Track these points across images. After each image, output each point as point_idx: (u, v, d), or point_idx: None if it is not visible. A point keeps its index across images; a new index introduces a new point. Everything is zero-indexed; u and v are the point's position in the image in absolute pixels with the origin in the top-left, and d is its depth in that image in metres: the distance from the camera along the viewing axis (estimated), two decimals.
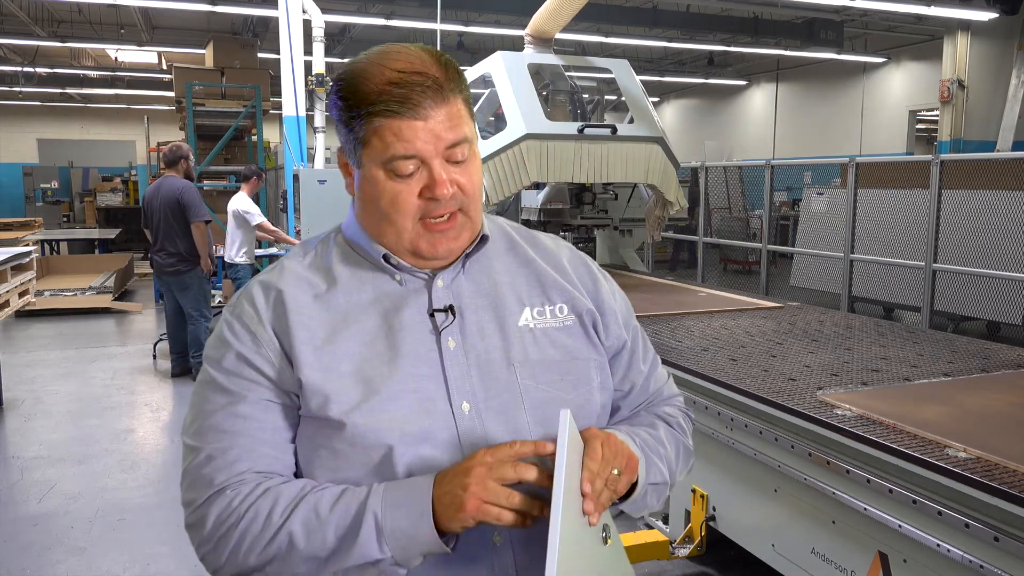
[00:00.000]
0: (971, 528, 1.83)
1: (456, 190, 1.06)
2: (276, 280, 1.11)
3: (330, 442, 1.04)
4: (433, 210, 1.06)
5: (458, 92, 1.06)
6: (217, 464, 1.03)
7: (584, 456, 1.01)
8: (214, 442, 1.04)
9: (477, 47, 15.38)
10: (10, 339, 8.21)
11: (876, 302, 8.12)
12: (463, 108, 1.07)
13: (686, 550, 2.96)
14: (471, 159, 1.09)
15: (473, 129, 1.10)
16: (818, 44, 13.70)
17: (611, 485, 1.01)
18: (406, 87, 1.02)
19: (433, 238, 1.08)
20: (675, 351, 3.13)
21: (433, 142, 1.04)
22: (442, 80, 1.04)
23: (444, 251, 1.09)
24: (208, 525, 1.02)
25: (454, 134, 1.05)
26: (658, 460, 1.16)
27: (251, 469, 1.04)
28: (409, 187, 1.06)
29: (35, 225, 15.48)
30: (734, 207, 12.27)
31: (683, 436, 1.26)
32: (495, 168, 4.22)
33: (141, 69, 17.98)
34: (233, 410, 1.05)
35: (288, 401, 1.06)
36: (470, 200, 1.09)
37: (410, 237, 1.08)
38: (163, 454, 4.87)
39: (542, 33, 5.03)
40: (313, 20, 7.14)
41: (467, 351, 1.08)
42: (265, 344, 1.06)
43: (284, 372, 1.05)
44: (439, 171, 1.05)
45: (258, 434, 1.05)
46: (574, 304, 1.17)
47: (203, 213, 6.34)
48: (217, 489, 1.03)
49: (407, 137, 1.03)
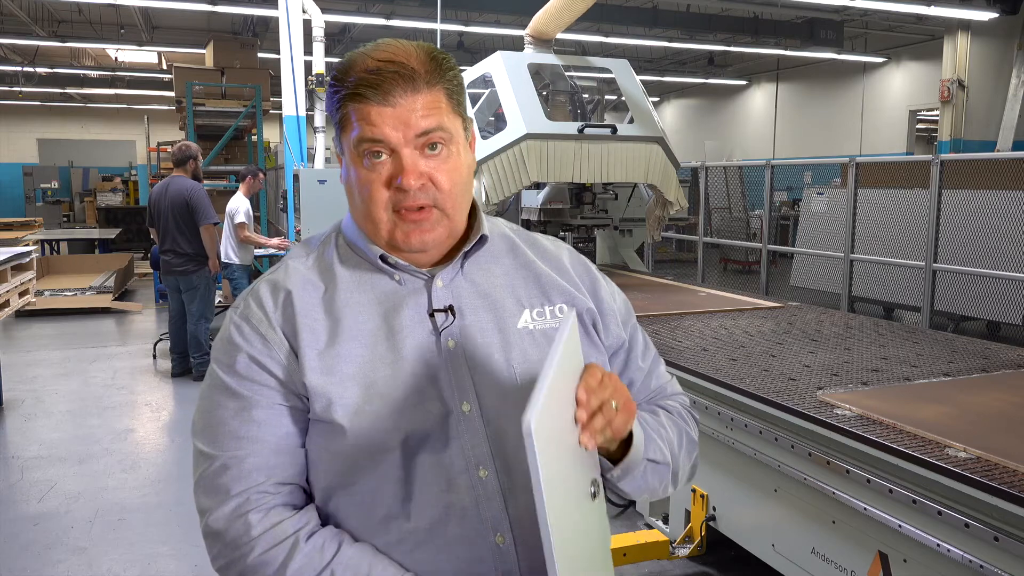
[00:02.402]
0: (971, 528, 1.83)
1: (428, 183, 1.06)
2: (284, 280, 1.11)
3: (332, 444, 1.04)
4: (402, 200, 1.06)
5: (437, 84, 1.06)
6: (233, 474, 1.03)
7: (582, 376, 0.97)
8: (229, 449, 1.04)
9: (477, 47, 15.39)
10: (10, 339, 8.22)
11: (876, 302, 8.12)
12: (444, 101, 1.07)
13: (686, 550, 2.96)
14: (452, 155, 1.08)
15: (459, 126, 1.10)
16: (818, 44, 13.70)
17: (607, 415, 0.97)
18: (379, 75, 1.03)
19: (406, 228, 1.07)
20: (675, 351, 3.13)
21: (402, 129, 1.04)
22: (418, 71, 1.04)
23: (417, 243, 1.08)
24: (225, 542, 1.02)
25: (427, 122, 1.05)
26: (658, 439, 1.14)
27: (269, 479, 1.04)
28: (380, 176, 1.06)
29: (35, 225, 15.51)
30: (734, 207, 12.28)
31: (686, 425, 1.25)
32: (495, 168, 4.22)
33: (141, 69, 18.00)
34: (247, 415, 1.05)
35: (299, 404, 1.06)
36: (445, 196, 1.07)
37: (386, 227, 1.08)
38: (163, 454, 4.87)
39: (542, 34, 5.03)
40: (313, 20, 7.14)
41: (467, 351, 1.08)
42: (276, 347, 1.06)
43: (294, 374, 1.05)
44: (408, 160, 1.05)
45: (272, 440, 1.05)
46: (574, 303, 1.17)
47: (212, 215, 6.34)
48: (235, 500, 1.02)
49: (374, 121, 1.04)
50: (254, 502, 1.02)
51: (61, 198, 19.43)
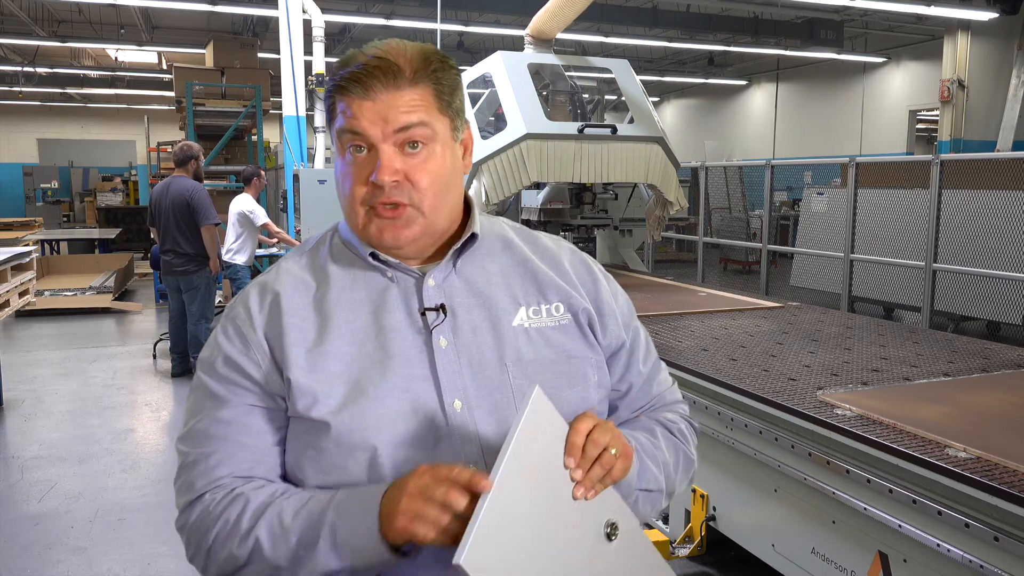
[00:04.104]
0: (971, 528, 1.83)
1: (403, 181, 1.06)
2: (273, 282, 1.12)
3: (317, 442, 1.04)
4: (377, 196, 1.06)
5: (423, 82, 1.06)
6: (200, 469, 1.06)
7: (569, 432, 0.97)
8: (199, 447, 1.07)
9: (477, 47, 15.39)
10: (10, 339, 8.22)
11: (876, 302, 8.12)
12: (431, 99, 1.07)
13: (686, 550, 2.96)
14: (435, 154, 1.08)
15: (445, 125, 1.09)
16: (818, 44, 13.71)
17: (606, 465, 0.97)
18: (364, 69, 1.05)
19: (380, 224, 1.08)
20: (675, 351, 3.13)
21: (380, 124, 1.05)
22: (403, 67, 1.05)
23: (390, 239, 1.08)
24: (189, 530, 1.06)
25: (406, 119, 1.05)
26: (653, 466, 1.14)
27: (231, 474, 1.06)
28: (358, 170, 1.07)
29: (35, 225, 15.50)
30: (734, 207, 12.28)
31: (685, 445, 1.24)
32: (495, 168, 4.22)
33: (141, 69, 18.00)
34: (217, 415, 1.07)
35: (274, 404, 1.07)
36: (421, 195, 1.07)
37: (362, 222, 1.09)
38: (163, 454, 4.87)
39: (542, 33, 5.03)
40: (313, 20, 7.15)
41: (459, 349, 1.08)
42: (254, 347, 1.07)
43: (271, 375, 1.06)
44: (386, 156, 1.05)
45: (241, 438, 1.06)
46: (570, 303, 1.16)
47: (213, 216, 6.34)
48: (198, 494, 1.05)
49: (354, 114, 1.05)
50: (213, 492, 1.05)
51: (61, 198, 19.42)
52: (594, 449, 0.96)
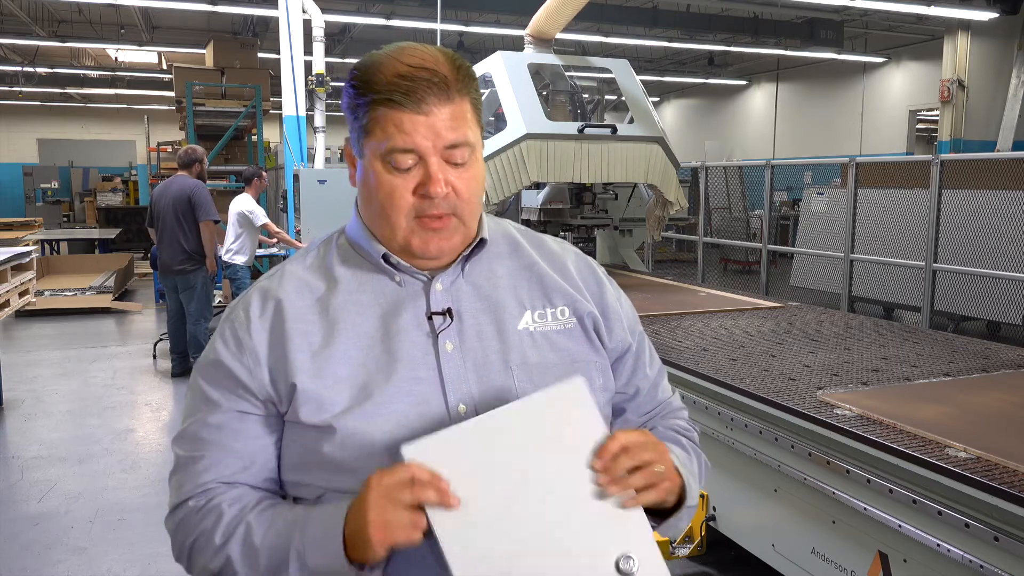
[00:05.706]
0: (971, 528, 1.83)
1: (451, 192, 1.06)
2: (276, 288, 1.11)
3: (321, 446, 1.03)
4: (426, 208, 1.06)
5: (466, 95, 1.06)
6: (189, 472, 1.08)
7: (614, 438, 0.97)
8: (188, 450, 1.08)
9: (477, 47, 15.39)
10: (10, 339, 8.21)
11: (876, 302, 8.12)
12: (469, 112, 1.07)
13: (686, 550, 2.95)
14: (472, 164, 1.08)
15: (478, 135, 1.09)
16: (818, 44, 13.70)
17: (650, 478, 0.98)
18: (413, 81, 1.02)
19: (425, 236, 1.07)
20: (675, 351, 3.13)
21: (432, 138, 1.03)
22: (450, 80, 1.04)
23: (435, 250, 1.08)
24: (174, 532, 1.09)
25: (455, 135, 1.04)
26: (693, 482, 1.14)
27: (216, 479, 1.06)
28: (405, 182, 1.05)
29: (35, 225, 15.50)
30: (734, 207, 12.28)
31: (702, 453, 1.25)
32: (495, 168, 4.22)
33: (141, 69, 18.00)
34: (208, 419, 1.07)
35: (265, 411, 1.07)
36: (465, 205, 1.07)
37: (403, 233, 1.08)
38: (163, 454, 4.87)
39: (542, 33, 5.03)
40: (313, 20, 7.14)
41: (464, 353, 1.08)
42: (248, 352, 1.07)
43: (263, 381, 1.06)
44: (435, 169, 1.04)
45: (229, 443, 1.06)
46: (576, 307, 1.16)
47: (213, 212, 6.34)
48: (184, 499, 1.07)
49: (407, 129, 1.03)
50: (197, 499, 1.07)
51: (61, 198, 19.42)
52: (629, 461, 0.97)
